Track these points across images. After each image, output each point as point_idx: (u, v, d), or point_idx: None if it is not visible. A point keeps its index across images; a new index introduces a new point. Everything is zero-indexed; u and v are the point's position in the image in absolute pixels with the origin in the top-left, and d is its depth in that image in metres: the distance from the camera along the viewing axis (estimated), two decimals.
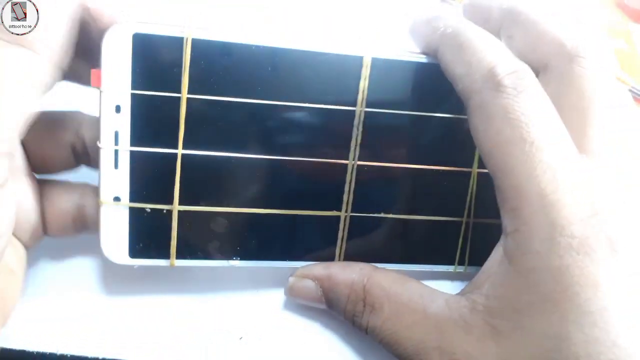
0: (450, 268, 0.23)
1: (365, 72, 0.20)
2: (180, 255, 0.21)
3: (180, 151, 0.20)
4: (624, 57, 0.34)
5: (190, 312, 0.22)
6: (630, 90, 0.32)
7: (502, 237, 0.18)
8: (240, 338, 0.21)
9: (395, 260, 0.22)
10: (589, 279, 0.16)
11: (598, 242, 0.16)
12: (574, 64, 0.19)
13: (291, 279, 0.21)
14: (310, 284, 0.21)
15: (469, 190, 0.22)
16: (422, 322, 0.19)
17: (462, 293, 0.19)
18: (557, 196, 0.16)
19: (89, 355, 0.20)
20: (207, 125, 0.20)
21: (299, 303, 0.22)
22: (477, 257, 0.19)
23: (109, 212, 0.20)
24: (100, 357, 0.20)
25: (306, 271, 0.21)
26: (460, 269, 0.23)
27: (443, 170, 0.22)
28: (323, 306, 0.21)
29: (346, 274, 0.21)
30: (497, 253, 0.18)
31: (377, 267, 0.21)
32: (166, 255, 0.20)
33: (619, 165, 0.18)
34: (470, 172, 0.22)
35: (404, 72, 0.21)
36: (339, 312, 0.21)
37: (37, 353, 0.20)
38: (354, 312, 0.20)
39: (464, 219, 0.22)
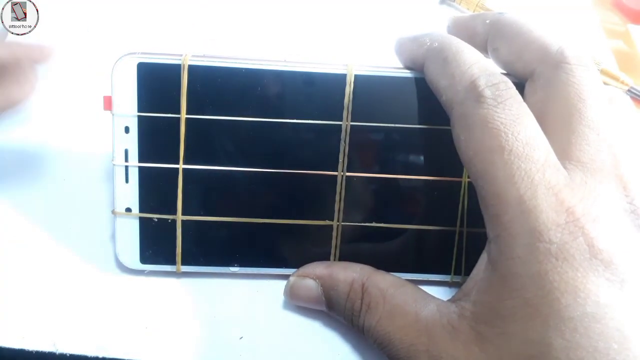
0: (447, 277, 0.23)
1: (349, 89, 0.21)
2: (186, 261, 0.22)
3: (181, 166, 0.21)
4: (622, 57, 0.33)
5: (190, 312, 0.22)
6: (629, 91, 0.31)
7: (487, 244, 0.18)
8: (240, 338, 0.22)
9: (390, 268, 0.22)
10: (568, 285, 0.16)
11: (577, 248, 0.16)
12: (559, 70, 0.19)
13: (292, 279, 0.22)
14: (311, 283, 0.21)
15: (461, 200, 0.22)
16: (413, 324, 0.19)
17: (452, 300, 0.19)
18: (535, 202, 0.16)
19: (89, 354, 0.21)
20: (205, 142, 0.21)
21: (298, 306, 0.22)
22: (474, 266, 0.20)
23: (122, 221, 0.22)
24: (100, 356, 0.21)
25: (308, 270, 0.22)
26: (457, 278, 0.23)
27: (433, 181, 0.22)
28: (322, 307, 0.22)
29: (347, 272, 0.21)
30: (483, 260, 0.18)
31: (376, 269, 0.21)
32: (172, 262, 0.22)
33: (607, 169, 0.17)
34: (461, 182, 0.22)
35: (386, 87, 0.21)
36: (339, 311, 0.21)
37: (36, 352, 0.21)
38: (352, 310, 0.21)
39: (457, 229, 0.22)
